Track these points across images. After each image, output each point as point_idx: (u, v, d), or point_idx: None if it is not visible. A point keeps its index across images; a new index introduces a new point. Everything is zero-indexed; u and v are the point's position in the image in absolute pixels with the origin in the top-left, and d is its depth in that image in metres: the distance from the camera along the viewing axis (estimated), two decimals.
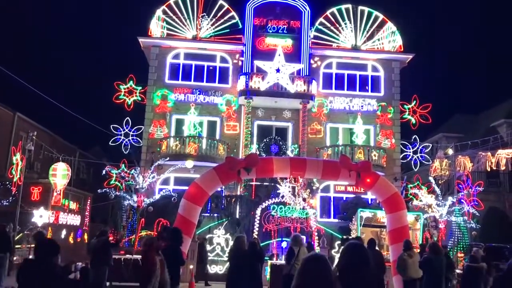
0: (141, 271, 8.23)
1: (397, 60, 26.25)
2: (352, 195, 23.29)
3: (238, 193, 22.19)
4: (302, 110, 24.38)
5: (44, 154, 28.32)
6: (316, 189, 23.19)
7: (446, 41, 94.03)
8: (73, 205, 25.26)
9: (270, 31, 25.45)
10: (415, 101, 25.22)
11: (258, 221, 16.96)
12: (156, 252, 8.12)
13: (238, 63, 25.36)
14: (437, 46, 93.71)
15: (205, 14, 25.63)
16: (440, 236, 19.56)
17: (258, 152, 22.54)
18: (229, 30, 25.62)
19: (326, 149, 24.12)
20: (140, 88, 24.48)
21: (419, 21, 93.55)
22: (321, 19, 26.22)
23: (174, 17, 25.67)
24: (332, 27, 26.15)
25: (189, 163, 22.04)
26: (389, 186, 12.98)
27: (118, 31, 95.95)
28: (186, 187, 12.90)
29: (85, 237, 25.73)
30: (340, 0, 26.71)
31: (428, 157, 25.04)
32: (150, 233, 17.26)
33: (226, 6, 25.81)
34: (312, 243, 15.88)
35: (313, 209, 18.80)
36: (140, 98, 24.45)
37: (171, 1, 25.70)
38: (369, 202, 22.73)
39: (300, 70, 24.80)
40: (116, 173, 17.95)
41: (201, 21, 25.62)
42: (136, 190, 17.70)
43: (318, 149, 24.41)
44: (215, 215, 20.00)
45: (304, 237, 13.92)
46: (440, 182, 23.35)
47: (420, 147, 24.95)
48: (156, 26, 25.62)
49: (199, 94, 24.89)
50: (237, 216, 20.33)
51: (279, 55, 24.32)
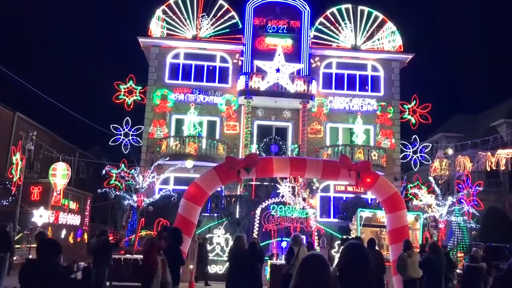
0: (143, 271, 8.15)
1: (397, 60, 26.25)
2: (352, 195, 23.29)
3: (238, 193, 22.18)
4: (302, 110, 24.38)
5: (44, 154, 28.32)
6: (316, 189, 23.19)
7: (446, 41, 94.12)
8: (73, 205, 25.28)
9: (270, 31, 25.45)
10: (415, 101, 25.22)
11: (258, 221, 16.97)
12: (158, 252, 8.05)
13: (238, 63, 25.36)
14: (437, 46, 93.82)
15: (205, 14, 25.63)
16: (440, 236, 19.56)
17: (258, 152, 22.55)
18: (229, 30, 25.61)
19: (326, 149, 24.12)
20: (140, 88, 24.48)
21: (419, 21, 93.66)
22: (321, 19, 26.22)
23: (174, 17, 25.66)
24: (332, 27, 26.15)
25: (189, 163, 22.04)
26: (389, 186, 12.98)
27: (118, 31, 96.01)
28: (186, 187, 12.91)
29: (85, 237, 25.75)
30: (340, 0, 26.75)
31: (428, 157, 25.04)
32: (150, 233, 17.27)
33: (226, 6, 25.80)
34: (312, 243, 15.88)
35: (313, 209, 18.81)
36: (140, 98, 24.45)
37: (171, 1, 25.68)
38: (369, 202, 22.74)
39: (300, 70, 24.80)
40: (116, 173, 17.94)
41: (201, 21, 25.62)
42: (136, 190, 17.70)
43: (318, 149, 24.41)
44: (215, 215, 19.99)
45: (304, 237, 13.93)
46: (440, 182, 23.36)
47: (420, 147, 24.95)
48: (156, 26, 25.61)
49: (199, 94, 24.89)
50: (237, 216, 20.32)
51: (279, 55, 24.31)
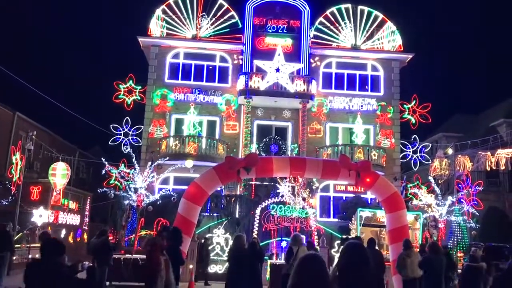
0: (146, 272, 8.06)
1: (397, 60, 26.24)
2: (352, 195, 23.29)
3: (238, 193, 22.17)
4: (302, 110, 24.37)
5: (44, 154, 28.30)
6: (316, 189, 23.19)
7: (446, 41, 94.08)
8: (73, 205, 25.30)
9: (270, 31, 25.43)
10: (415, 101, 25.22)
11: (258, 221, 16.98)
12: (161, 252, 7.99)
13: (238, 63, 25.35)
14: (437, 46, 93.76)
15: (205, 14, 25.62)
16: (440, 236, 19.56)
17: (258, 152, 22.54)
18: (229, 30, 25.60)
19: (326, 149, 24.12)
20: (140, 88, 24.47)
21: (419, 21, 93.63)
22: (321, 19, 26.21)
23: (174, 17, 25.65)
24: (332, 27, 26.15)
25: (189, 163, 22.04)
26: (389, 186, 12.99)
27: (118, 31, 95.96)
28: (186, 187, 12.90)
29: (85, 237, 25.75)
30: (340, 0, 26.73)
31: (428, 157, 25.04)
32: (150, 233, 17.28)
33: (226, 6, 25.80)
34: (313, 242, 15.86)
35: (313, 209, 18.81)
36: (140, 98, 24.44)
37: (171, 1, 25.67)
38: (369, 202, 22.74)
39: (300, 70, 24.79)
40: (116, 173, 17.92)
41: (201, 21, 25.61)
42: (136, 190, 17.68)
43: (318, 149, 24.40)
44: (215, 215, 19.98)
45: (304, 237, 13.93)
46: (440, 182, 23.36)
47: (420, 147, 24.95)
48: (156, 26, 25.60)
49: (199, 94, 24.88)
50: (237, 216, 20.29)
51: (279, 55, 24.30)
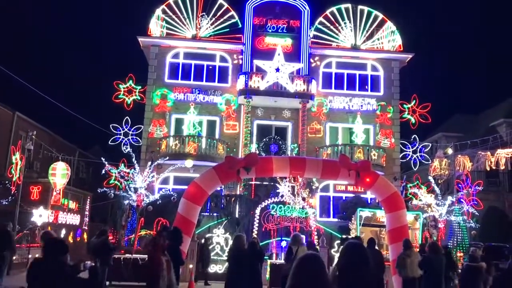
0: (148, 272, 7.98)
1: (397, 60, 26.24)
2: (352, 195, 23.30)
3: (238, 193, 22.17)
4: (302, 110, 24.37)
5: (44, 154, 28.29)
6: (316, 189, 23.19)
7: (446, 41, 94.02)
8: (73, 205, 25.26)
9: (270, 31, 25.44)
10: (415, 101, 25.23)
11: (258, 221, 16.98)
12: (162, 252, 7.96)
13: (238, 63, 25.35)
14: (437, 46, 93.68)
15: (205, 14, 25.61)
16: (440, 236, 19.57)
17: (258, 152, 22.54)
18: (229, 30, 25.61)
19: (326, 149, 24.12)
20: (140, 88, 24.47)
21: (419, 21, 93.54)
22: (321, 19, 26.22)
23: (174, 17, 25.65)
24: (332, 27, 26.15)
25: (189, 163, 22.04)
26: (389, 186, 13.00)
27: (118, 31, 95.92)
28: (186, 187, 12.91)
29: (85, 237, 25.72)
30: (340, 0, 26.73)
31: (428, 157, 25.05)
32: (150, 233, 17.28)
33: (226, 6, 25.79)
34: (313, 242, 15.85)
35: (313, 209, 18.81)
36: (140, 98, 24.44)
37: (171, 1, 25.67)
38: (369, 202, 22.75)
39: (300, 70, 24.79)
40: (116, 173, 17.91)
41: (201, 21, 25.60)
42: (136, 190, 17.68)
43: (318, 149, 24.41)
44: (215, 215, 19.99)
45: (304, 237, 13.92)
46: (440, 182, 23.35)
47: (420, 147, 24.96)
48: (156, 26, 25.60)
49: (199, 94, 24.89)
50: (237, 216, 20.30)
51: (279, 55, 24.30)
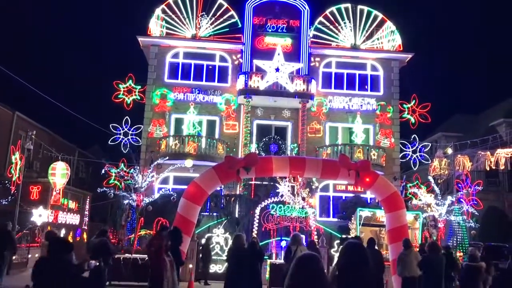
0: (153, 273, 7.91)
1: (397, 60, 26.24)
2: (352, 194, 23.30)
3: (238, 192, 22.17)
4: (302, 109, 24.36)
5: (43, 153, 28.28)
6: (315, 188, 23.18)
7: (446, 41, 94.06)
8: (72, 204, 25.28)
9: (270, 30, 25.43)
10: (415, 101, 25.22)
11: (258, 220, 16.98)
12: (165, 253, 7.93)
13: (238, 62, 25.35)
14: (437, 46, 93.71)
15: (205, 13, 25.60)
16: (439, 236, 19.58)
17: (258, 152, 22.54)
18: (229, 29, 25.59)
19: (326, 148, 24.11)
20: (139, 87, 24.45)
21: (419, 21, 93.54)
22: (321, 18, 26.21)
23: (174, 16, 25.64)
24: (332, 26, 26.15)
25: (189, 162, 22.03)
26: (388, 185, 13.00)
27: (118, 31, 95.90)
28: (186, 186, 12.91)
29: (84, 236, 25.72)
30: (340, 0, 26.72)
31: (428, 157, 25.04)
32: (150, 232, 17.27)
33: (226, 5, 25.78)
34: (314, 242, 15.80)
35: (312, 208, 18.80)
36: (139, 97, 24.42)
37: (171, 0, 25.65)
38: (368, 201, 22.74)
39: (300, 69, 24.78)
40: (115, 172, 17.91)
41: (201, 20, 25.59)
42: (135, 190, 17.68)
43: (317, 148, 24.40)
44: (215, 214, 20.01)
45: (304, 236, 13.92)
46: (439, 182, 23.34)
47: (420, 147, 24.96)
48: (156, 25, 25.58)
49: (199, 93, 24.88)
50: (237, 215, 20.32)
51: (279, 54, 24.30)
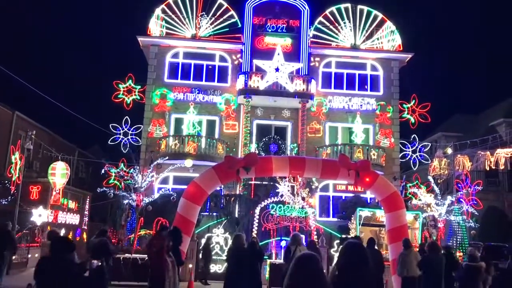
0: (155, 274, 7.87)
1: (396, 59, 26.24)
2: (351, 194, 23.30)
3: (237, 192, 22.17)
4: (301, 109, 24.36)
5: (43, 153, 28.27)
6: (315, 188, 23.19)
7: (446, 41, 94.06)
8: (72, 204, 25.28)
9: (269, 30, 25.43)
10: (414, 100, 25.22)
11: (257, 220, 16.97)
12: (167, 253, 7.90)
13: (237, 62, 25.35)
14: (437, 46, 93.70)
15: (204, 13, 25.60)
16: (439, 235, 19.57)
17: (257, 151, 22.54)
18: (228, 29, 25.59)
19: (325, 148, 24.11)
20: (139, 87, 24.44)
21: (419, 20, 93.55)
22: (321, 18, 26.21)
23: (173, 16, 25.63)
24: (332, 26, 26.15)
25: (188, 162, 22.03)
26: (388, 185, 13.00)
27: (118, 31, 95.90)
28: (185, 186, 12.91)
29: (84, 236, 25.71)
30: None
31: (427, 156, 25.04)
32: (149, 232, 17.27)
33: (225, 5, 25.77)
34: (314, 242, 15.77)
35: (312, 208, 18.80)
36: (139, 97, 24.41)
37: (170, 0, 25.64)
38: (368, 201, 22.74)
39: (299, 69, 24.78)
40: (115, 172, 17.91)
41: (200, 20, 25.59)
42: (135, 189, 17.67)
43: (317, 148, 24.40)
44: (214, 214, 20.01)
45: (303, 236, 13.91)
46: (439, 181, 23.35)
47: (419, 146, 24.96)
48: (155, 25, 25.58)
49: (198, 93, 24.87)
50: (236, 215, 20.32)
51: (278, 54, 24.29)
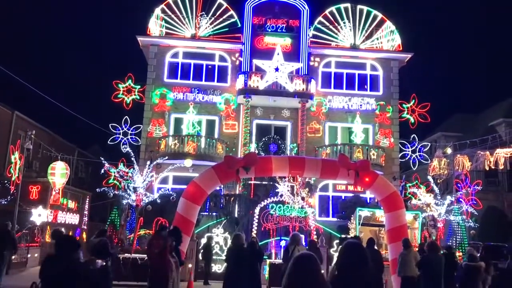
0: (158, 274, 7.80)
1: (396, 59, 26.24)
2: (351, 194, 23.30)
3: (237, 192, 22.18)
4: (301, 109, 24.36)
5: (43, 153, 28.29)
6: (315, 188, 23.19)
7: (446, 41, 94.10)
8: (72, 204, 25.29)
9: (269, 30, 25.43)
10: (414, 100, 25.23)
11: (257, 220, 16.97)
12: (170, 254, 7.85)
13: (237, 62, 25.34)
14: (437, 46, 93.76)
15: (204, 13, 25.60)
16: (439, 235, 19.58)
17: (257, 151, 22.54)
18: (228, 29, 25.58)
19: (325, 148, 24.11)
20: (139, 87, 24.45)
21: (419, 20, 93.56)
22: (320, 18, 26.21)
23: (173, 16, 25.63)
24: (331, 26, 26.15)
25: (188, 162, 22.03)
26: (388, 185, 13.01)
27: (118, 31, 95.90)
28: (185, 186, 12.92)
29: (84, 236, 25.72)
30: None
31: (427, 156, 25.06)
32: (149, 232, 17.27)
33: (225, 5, 25.77)
34: (314, 242, 15.74)
35: (312, 208, 18.80)
36: (139, 97, 24.41)
37: (170, 0, 25.65)
38: (368, 201, 22.75)
39: (299, 69, 24.78)
40: (115, 172, 17.91)
41: (200, 20, 25.59)
42: (135, 189, 17.67)
43: (317, 148, 24.40)
44: (214, 214, 20.01)
45: (303, 236, 13.91)
46: (439, 181, 23.38)
47: (419, 146, 24.97)
48: (155, 25, 25.58)
49: (198, 93, 24.87)
50: (236, 215, 20.32)
51: (278, 54, 24.29)
